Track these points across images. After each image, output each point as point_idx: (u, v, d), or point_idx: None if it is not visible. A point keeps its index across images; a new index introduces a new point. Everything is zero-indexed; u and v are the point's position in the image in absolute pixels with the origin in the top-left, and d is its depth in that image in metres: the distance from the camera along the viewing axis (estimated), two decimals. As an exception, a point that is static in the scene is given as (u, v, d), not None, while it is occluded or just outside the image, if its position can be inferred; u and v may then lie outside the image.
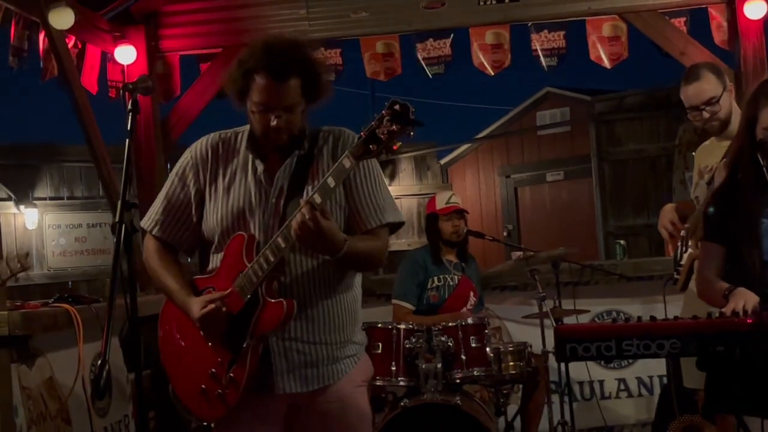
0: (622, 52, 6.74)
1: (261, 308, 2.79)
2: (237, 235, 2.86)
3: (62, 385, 4.54)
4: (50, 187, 10.66)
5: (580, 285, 6.23)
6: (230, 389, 2.81)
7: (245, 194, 2.90)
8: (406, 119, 2.59)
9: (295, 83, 2.78)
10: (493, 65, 6.81)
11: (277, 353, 2.86)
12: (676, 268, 4.23)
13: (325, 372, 2.92)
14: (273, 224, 2.85)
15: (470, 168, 13.82)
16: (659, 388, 6.27)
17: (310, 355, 2.88)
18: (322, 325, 2.91)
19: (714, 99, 3.98)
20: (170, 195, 2.99)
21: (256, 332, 2.80)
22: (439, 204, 5.80)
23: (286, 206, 2.86)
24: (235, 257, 2.84)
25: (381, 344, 5.03)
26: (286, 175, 2.89)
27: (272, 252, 2.75)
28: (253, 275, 2.78)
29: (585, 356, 2.44)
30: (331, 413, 2.94)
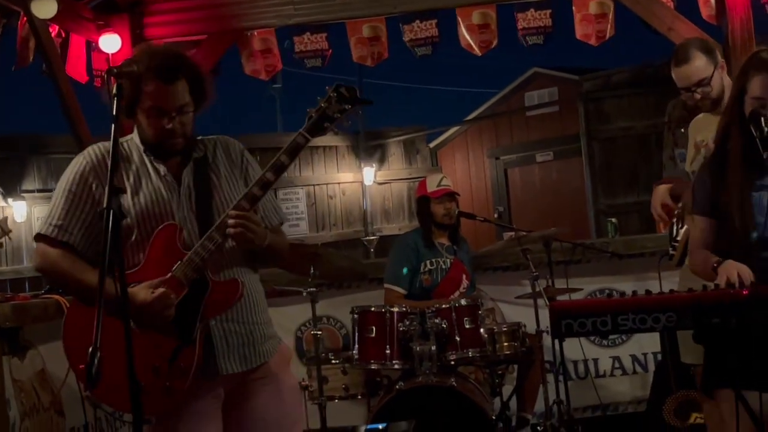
0: (609, 30, 6.71)
1: (211, 290, 2.85)
2: (167, 225, 2.88)
3: (54, 376, 4.51)
4: (38, 179, 10.62)
5: (572, 264, 6.20)
6: (179, 379, 2.81)
7: (156, 193, 2.91)
8: (354, 99, 2.86)
9: (182, 85, 2.85)
10: (480, 45, 6.78)
11: (218, 336, 2.90)
12: (672, 244, 4.21)
13: (261, 350, 3.00)
14: (189, 218, 2.91)
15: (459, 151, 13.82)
16: (653, 365, 6.27)
17: (246, 336, 2.96)
18: (253, 306, 3.00)
19: (705, 80, 3.95)
20: (71, 199, 2.91)
21: (209, 314, 2.86)
22: (430, 187, 5.77)
23: (198, 201, 2.93)
24: (169, 246, 2.86)
25: (375, 328, 5.00)
26: (189, 173, 2.96)
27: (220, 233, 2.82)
28: (198, 259, 2.82)
29: (581, 332, 2.42)
30: (266, 389, 3.01)
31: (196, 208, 2.92)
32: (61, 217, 2.91)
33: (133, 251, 2.92)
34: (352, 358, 5.06)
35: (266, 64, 7.28)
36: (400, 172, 13.17)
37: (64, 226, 2.90)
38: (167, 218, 2.89)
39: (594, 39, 6.66)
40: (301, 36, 7.22)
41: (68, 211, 2.91)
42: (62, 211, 2.91)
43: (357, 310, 5.10)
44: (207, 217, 2.90)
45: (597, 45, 6.67)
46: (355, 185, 13.14)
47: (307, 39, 7.20)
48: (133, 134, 3.00)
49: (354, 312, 5.10)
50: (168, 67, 2.82)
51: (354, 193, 13.17)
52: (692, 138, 4.19)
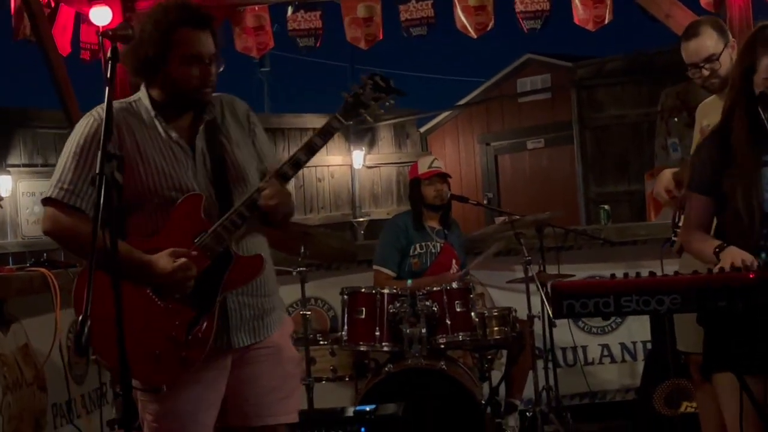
0: (607, 15, 6.65)
1: (234, 264, 2.82)
2: (193, 195, 2.83)
3: (38, 351, 4.45)
4: (24, 153, 10.51)
5: (563, 250, 6.15)
6: (195, 350, 2.79)
7: (171, 157, 2.87)
8: (388, 88, 2.93)
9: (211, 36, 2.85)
10: (476, 28, 6.71)
11: (233, 309, 2.88)
12: (674, 230, 4.18)
13: (269, 322, 2.98)
14: (206, 185, 2.87)
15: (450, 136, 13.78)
16: (643, 354, 6.25)
17: (257, 309, 2.94)
18: (266, 279, 2.98)
19: (714, 56, 3.89)
20: (82, 162, 2.84)
21: (229, 287, 2.83)
22: (421, 168, 5.71)
23: (213, 167, 2.89)
24: (191, 217, 2.82)
25: (364, 309, 4.95)
26: (202, 138, 2.90)
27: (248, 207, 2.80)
28: (224, 232, 2.80)
29: (582, 313, 2.37)
30: (268, 359, 2.97)
31: (212, 176, 2.88)
32: (71, 181, 2.83)
33: (149, 218, 2.86)
34: (341, 339, 5.00)
35: (258, 42, 7.20)
36: (389, 156, 13.11)
37: (75, 191, 2.82)
38: (186, 186, 2.84)
39: (591, 24, 6.60)
40: (295, 14, 7.13)
41: (79, 175, 2.83)
42: (72, 174, 2.83)
43: (347, 290, 5.04)
44: (223, 184, 2.87)
45: (594, 30, 6.61)
46: (344, 168, 13.08)
47: (301, 17, 7.12)
48: (140, 94, 2.92)
49: (344, 293, 5.04)
50: (200, 15, 2.81)
51: (343, 176, 13.10)
52: (698, 122, 4.13)
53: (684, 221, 3.29)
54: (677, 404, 4.89)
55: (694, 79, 4.01)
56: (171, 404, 2.88)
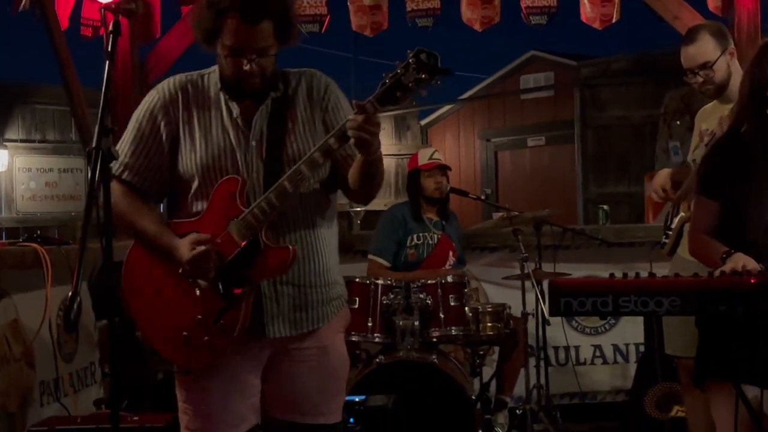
0: (614, 14, 6.61)
1: (263, 254, 2.70)
2: (231, 179, 2.74)
3: (27, 328, 4.41)
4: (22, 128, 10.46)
5: (560, 249, 6.13)
6: (220, 336, 2.72)
7: (224, 136, 2.78)
8: (435, 68, 2.53)
9: (267, 26, 2.67)
10: (482, 21, 6.67)
11: (269, 298, 2.78)
12: (665, 232, 4.15)
13: (315, 315, 2.85)
14: (256, 167, 2.76)
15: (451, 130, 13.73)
16: (635, 356, 6.24)
17: (300, 299, 2.81)
18: (313, 268, 2.84)
19: (708, 63, 3.88)
20: (139, 137, 2.84)
21: (258, 278, 2.73)
22: (421, 160, 5.67)
23: (269, 149, 2.77)
24: (227, 201, 2.72)
25: (358, 299, 4.92)
26: (263, 117, 2.79)
27: (277, 196, 2.66)
28: (254, 219, 2.68)
29: (580, 311, 2.33)
30: (313, 358, 2.86)
31: (266, 158, 2.77)
32: (128, 154, 2.83)
33: (194, 200, 2.82)
34: (348, 324, 4.96)
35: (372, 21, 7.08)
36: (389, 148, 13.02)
37: (129, 165, 2.83)
38: (231, 166, 2.76)
39: (598, 22, 6.56)
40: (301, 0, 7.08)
41: (134, 150, 2.83)
42: (128, 149, 2.84)
43: (341, 279, 4.99)
44: (276, 168, 2.74)
45: (601, 29, 6.57)
46: (343, 158, 12.99)
47: (306, 3, 7.06)
48: (215, 66, 2.85)
49: (337, 281, 4.99)
50: (255, 6, 2.65)
51: (341, 165, 13.01)
52: (697, 126, 4.12)
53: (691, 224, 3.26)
54: (668, 408, 4.87)
55: (690, 84, 4.00)
56: (200, 390, 2.84)
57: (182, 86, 2.84)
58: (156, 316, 2.80)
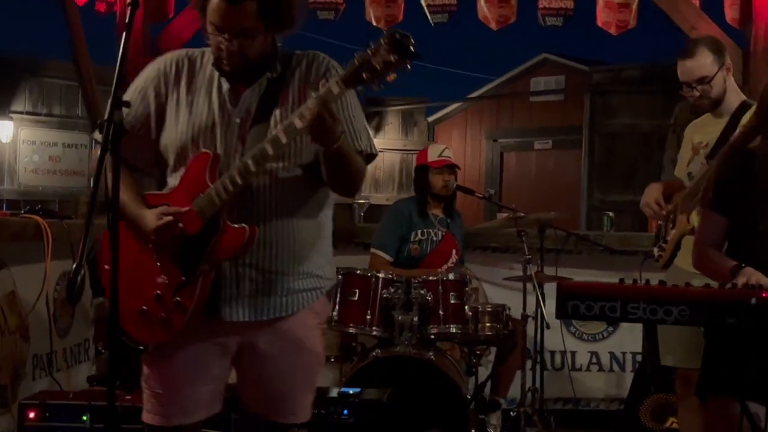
0: (630, 21, 6.57)
1: (220, 233, 2.62)
2: (202, 153, 2.68)
3: (24, 300, 4.39)
4: (28, 101, 10.43)
5: (563, 253, 6.09)
6: (176, 314, 2.64)
7: (207, 112, 2.72)
8: (405, 50, 2.42)
9: (250, 6, 2.56)
10: (498, 20, 6.63)
11: (228, 279, 2.68)
12: (659, 245, 4.13)
13: (277, 303, 2.74)
14: (235, 146, 2.68)
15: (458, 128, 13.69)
16: (631, 365, 6.21)
17: (262, 284, 2.71)
18: (281, 254, 2.73)
19: (706, 78, 3.85)
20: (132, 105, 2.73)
21: (213, 257, 2.64)
22: (431, 156, 5.63)
23: (251, 129, 2.69)
24: (197, 176, 2.66)
25: (358, 291, 4.88)
26: (254, 96, 2.71)
27: (240, 174, 2.58)
28: (216, 197, 2.60)
29: (587, 315, 2.30)
30: (283, 353, 2.77)
31: (247, 137, 2.68)
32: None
33: (172, 174, 2.77)
34: (331, 319, 4.93)
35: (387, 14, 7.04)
36: (395, 143, 13.03)
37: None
38: (210, 142, 2.70)
39: (614, 28, 6.53)
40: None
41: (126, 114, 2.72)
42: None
43: (342, 271, 4.97)
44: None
45: (617, 34, 6.54)
46: (348, 150, 12.95)
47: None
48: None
49: (339, 272, 4.96)
50: None
51: (346, 157, 12.98)
52: (688, 139, 4.11)
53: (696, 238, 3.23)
54: (663, 419, 4.85)
55: (686, 97, 3.98)
56: (159, 370, 2.79)
57: (179, 60, 2.79)
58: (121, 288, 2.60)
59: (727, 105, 3.90)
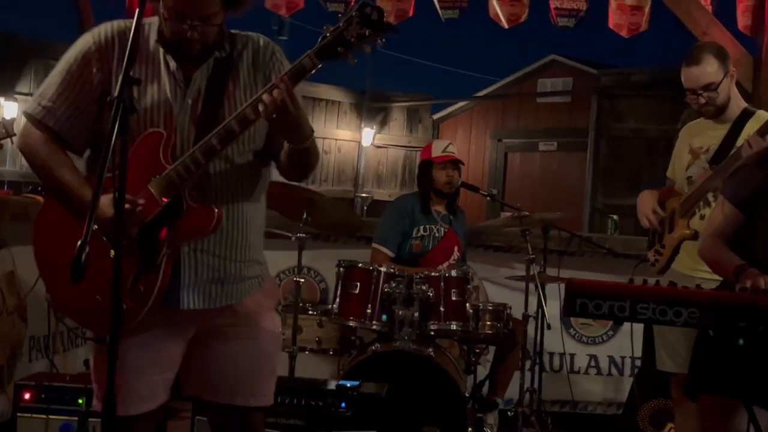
0: (642, 24, 6.54)
1: (184, 214, 2.53)
2: (153, 132, 2.55)
3: (23, 281, 4.36)
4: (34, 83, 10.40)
5: (566, 255, 6.05)
6: (136, 303, 2.52)
7: (158, 90, 2.59)
8: (379, 24, 2.38)
9: None
10: (509, 18, 6.60)
11: (186, 265, 2.60)
12: (656, 250, 4.11)
13: (231, 290, 2.68)
14: (189, 126, 2.58)
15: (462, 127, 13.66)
16: (630, 370, 6.17)
17: (218, 271, 2.65)
18: (235, 240, 2.67)
19: (713, 85, 3.82)
20: (68, 81, 2.61)
21: (177, 240, 2.55)
22: (435, 151, 5.59)
23: (203, 109, 2.60)
24: (150, 157, 2.53)
25: (359, 284, 4.85)
26: (204, 76, 2.61)
27: (203, 154, 2.49)
28: (176, 177, 2.50)
29: (596, 314, 2.26)
30: (240, 335, 2.72)
31: (200, 117, 2.58)
32: (51, 98, 2.61)
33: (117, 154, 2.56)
34: (331, 311, 4.90)
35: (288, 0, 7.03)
36: (399, 139, 13.00)
37: (53, 110, 2.60)
38: (163, 121, 2.57)
39: (626, 30, 6.50)
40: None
41: (60, 93, 2.61)
42: (54, 92, 2.62)
43: (344, 263, 4.94)
44: (208, 128, 2.53)
45: (628, 37, 6.51)
46: (352, 144, 12.95)
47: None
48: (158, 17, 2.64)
49: (341, 265, 4.93)
50: None
51: (349, 152, 12.98)
52: (685, 143, 4.08)
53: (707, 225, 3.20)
54: (662, 424, 4.81)
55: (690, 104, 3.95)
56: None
57: (119, 32, 2.64)
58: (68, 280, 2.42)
59: (730, 111, 3.89)
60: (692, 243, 3.83)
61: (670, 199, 4.08)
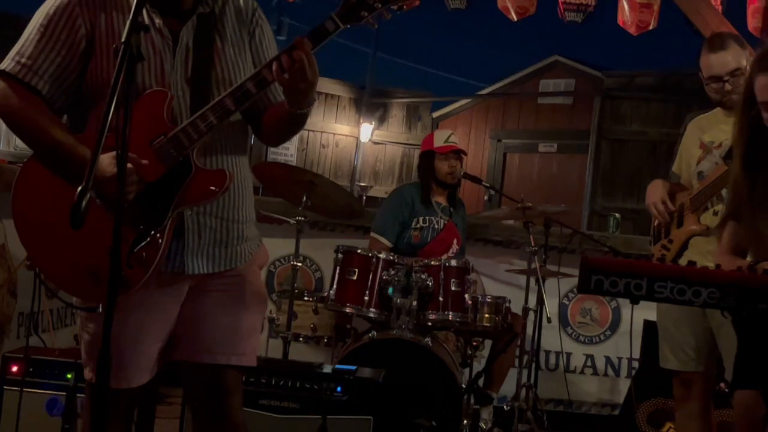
0: (651, 22, 6.48)
1: (193, 177, 2.43)
2: (156, 91, 2.44)
3: (14, 255, 4.26)
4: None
5: (566, 252, 5.99)
6: (136, 269, 2.41)
7: (145, 47, 2.44)
8: None
9: None
10: (517, 11, 6.54)
11: (191, 229, 2.52)
12: (663, 245, 4.01)
13: (234, 253, 2.61)
14: (181, 84, 2.47)
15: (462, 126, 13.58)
16: (626, 371, 6.12)
17: (221, 233, 2.57)
18: (234, 201, 2.61)
19: (739, 70, 3.72)
20: (49, 36, 2.44)
21: (184, 203, 2.45)
22: (437, 141, 5.50)
23: (195, 67, 2.49)
24: (152, 117, 2.41)
25: (357, 271, 4.75)
26: (190, 32, 2.51)
27: (216, 114, 2.40)
28: (186, 138, 2.40)
29: (611, 291, 2.17)
30: (229, 293, 2.62)
31: (192, 75, 2.48)
32: (32, 56, 2.44)
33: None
34: (328, 298, 4.81)
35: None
36: (398, 136, 12.93)
37: (34, 68, 2.44)
38: (156, 81, 2.46)
39: (634, 28, 6.45)
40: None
41: (42, 50, 2.44)
42: (34, 48, 2.44)
43: (342, 249, 4.84)
44: (203, 86, 2.47)
45: (636, 34, 6.45)
46: (350, 139, 12.88)
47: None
48: None
49: (339, 251, 4.84)
50: None
51: (347, 147, 12.91)
52: (694, 137, 3.96)
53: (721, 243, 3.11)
54: (660, 424, 4.73)
55: (711, 95, 3.83)
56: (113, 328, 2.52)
57: None
58: (57, 247, 2.44)
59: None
60: (703, 239, 3.73)
61: (678, 193, 3.98)
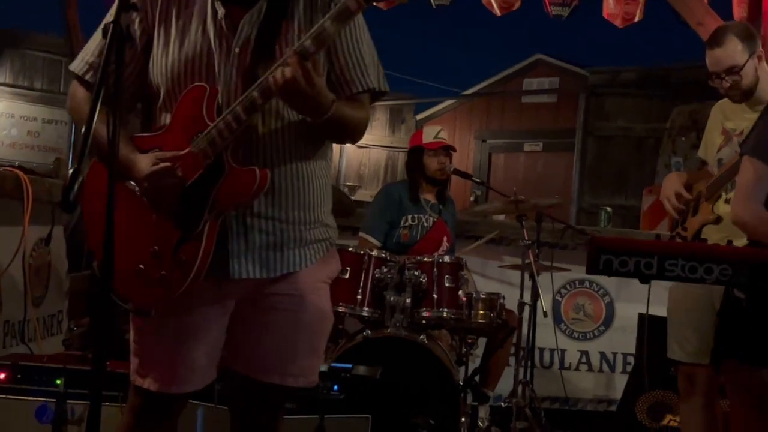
0: (637, 14, 6.45)
1: (225, 176, 2.30)
2: (196, 87, 2.35)
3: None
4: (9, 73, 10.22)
5: (558, 248, 5.94)
6: (177, 272, 2.32)
7: (203, 40, 2.38)
8: None
9: None
10: (501, 6, 6.48)
11: (235, 232, 2.39)
12: (678, 232, 3.94)
13: (291, 256, 2.44)
14: (236, 79, 2.36)
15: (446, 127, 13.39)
16: (621, 366, 6.08)
17: (273, 236, 2.42)
18: (293, 201, 2.44)
19: (735, 68, 3.65)
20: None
21: (218, 205, 2.32)
22: (426, 138, 5.43)
23: (252, 59, 2.36)
24: (193, 113, 2.34)
25: (349, 269, 4.67)
26: (253, 22, 2.37)
27: (245, 109, 2.26)
28: (218, 136, 2.28)
29: (621, 271, 2.11)
30: (286, 307, 2.47)
31: (248, 70, 2.34)
32: (95, 53, 2.47)
33: (162, 112, 2.44)
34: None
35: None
36: (382, 139, 12.85)
37: (95, 64, 2.45)
38: (206, 74, 2.37)
39: (620, 20, 6.41)
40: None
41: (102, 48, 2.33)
42: (96, 47, 2.47)
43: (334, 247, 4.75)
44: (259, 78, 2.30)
45: (622, 27, 6.42)
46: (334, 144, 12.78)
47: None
48: None
49: (329, 249, 4.75)
50: None
51: (331, 151, 12.82)
52: (717, 122, 3.90)
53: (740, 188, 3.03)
54: (660, 416, 4.68)
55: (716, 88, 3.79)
56: (153, 329, 2.47)
57: None
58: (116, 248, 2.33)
59: (762, 93, 3.66)
60: (714, 227, 3.67)
61: (699, 181, 3.89)
